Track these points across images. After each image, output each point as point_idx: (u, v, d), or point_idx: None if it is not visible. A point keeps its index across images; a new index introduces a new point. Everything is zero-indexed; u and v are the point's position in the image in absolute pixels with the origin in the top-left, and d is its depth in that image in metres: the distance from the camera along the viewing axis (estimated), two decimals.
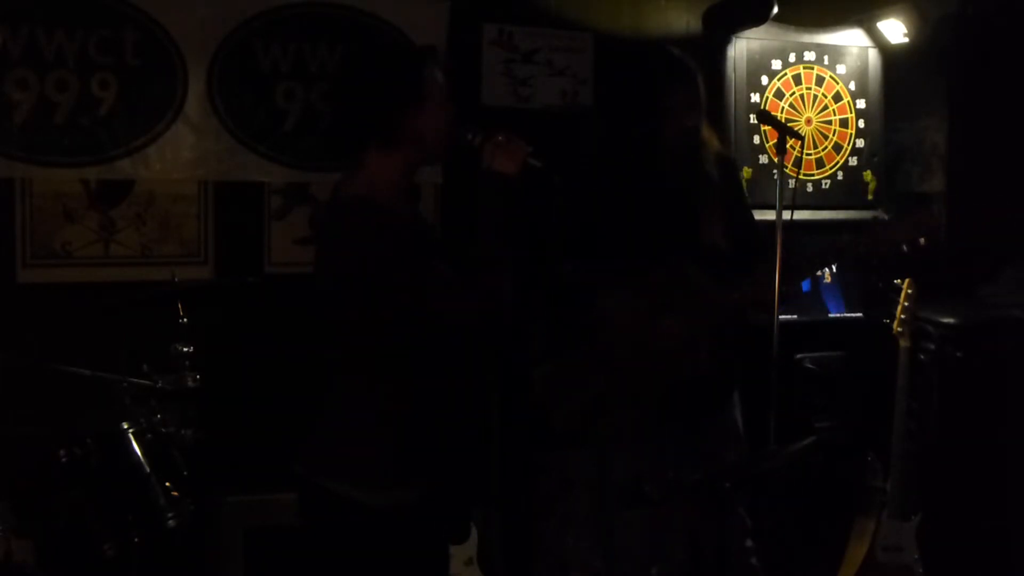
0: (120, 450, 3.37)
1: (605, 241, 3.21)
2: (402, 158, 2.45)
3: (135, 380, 3.46)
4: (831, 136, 4.88)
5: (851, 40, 4.92)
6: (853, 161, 4.92)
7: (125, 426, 3.40)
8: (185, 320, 3.54)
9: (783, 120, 4.47)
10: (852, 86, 4.92)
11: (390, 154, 2.43)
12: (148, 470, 3.37)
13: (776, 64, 4.78)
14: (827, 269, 4.54)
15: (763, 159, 4.74)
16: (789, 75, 4.81)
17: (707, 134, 3.27)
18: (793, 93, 4.82)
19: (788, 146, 3.11)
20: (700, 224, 3.12)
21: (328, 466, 2.43)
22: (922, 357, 4.04)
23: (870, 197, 4.93)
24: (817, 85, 4.85)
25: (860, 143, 4.94)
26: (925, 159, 4.80)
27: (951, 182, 4.70)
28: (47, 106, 3.84)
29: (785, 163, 3.11)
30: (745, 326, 3.29)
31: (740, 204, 3.37)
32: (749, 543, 3.36)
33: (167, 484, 3.39)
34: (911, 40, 4.76)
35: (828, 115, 4.88)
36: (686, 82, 3.18)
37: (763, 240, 3.28)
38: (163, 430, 3.47)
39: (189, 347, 3.52)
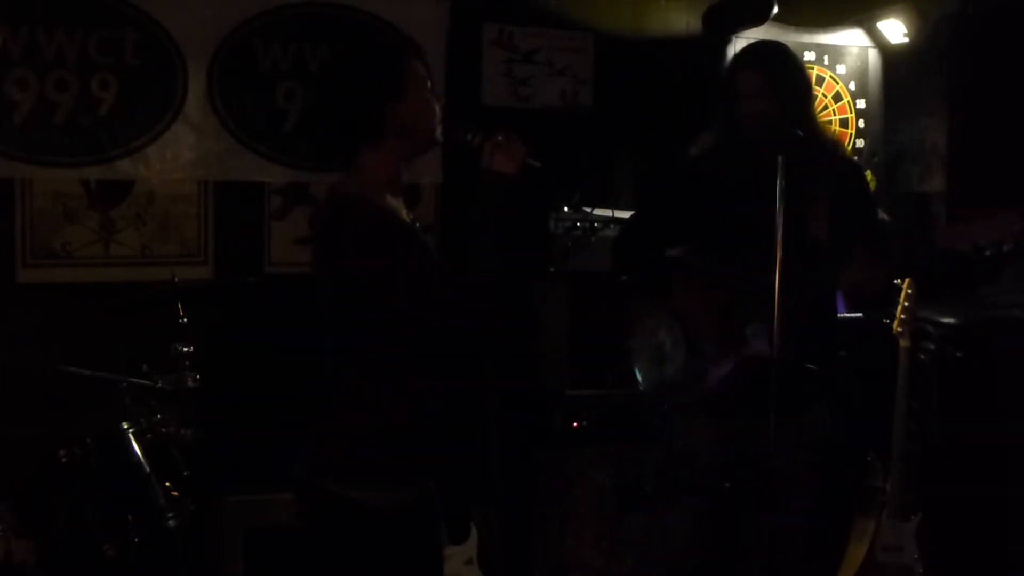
0: (120, 450, 3.37)
1: (705, 226, 3.24)
2: (390, 152, 2.45)
3: (135, 380, 3.46)
4: None
5: (851, 40, 4.92)
6: None
7: (125, 426, 3.40)
8: (185, 320, 3.54)
9: None
10: (852, 86, 4.92)
11: (378, 149, 2.43)
12: (148, 470, 3.37)
13: None
14: None
15: None
16: None
17: (827, 133, 3.26)
18: None
19: None
20: (803, 219, 3.09)
21: (328, 467, 2.42)
22: (922, 357, 4.03)
23: None
24: (817, 85, 4.85)
25: (860, 143, 4.94)
26: (925, 159, 4.80)
27: (951, 182, 4.70)
28: (47, 106, 3.84)
29: None
30: (834, 327, 3.32)
31: (859, 208, 3.28)
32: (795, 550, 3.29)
33: (167, 484, 3.39)
34: (911, 40, 4.76)
35: (828, 115, 4.88)
36: (752, 67, 3.18)
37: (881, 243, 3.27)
38: (163, 430, 3.47)
39: (189, 347, 3.52)
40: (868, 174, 4.92)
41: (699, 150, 3.75)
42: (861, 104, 4.93)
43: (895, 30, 4.79)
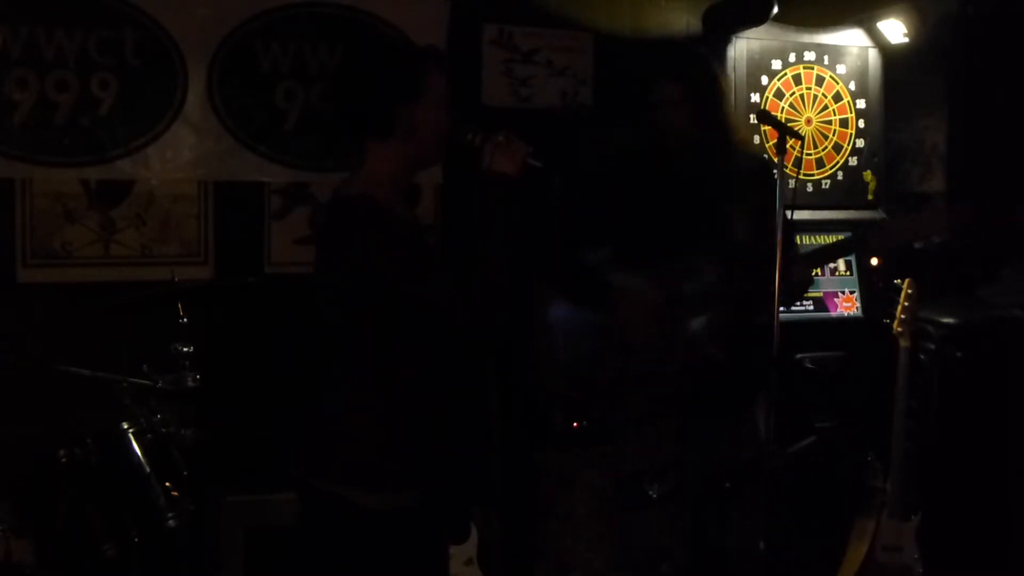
0: (120, 450, 3.37)
1: (626, 232, 3.24)
2: (398, 153, 2.45)
3: (135, 380, 3.46)
4: (831, 136, 4.88)
5: (851, 40, 4.92)
6: (853, 161, 4.92)
7: (125, 426, 3.40)
8: (185, 320, 3.54)
9: (783, 120, 4.46)
10: (852, 86, 4.92)
11: (387, 148, 2.43)
12: (148, 470, 3.37)
13: (776, 64, 4.78)
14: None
15: None
16: (789, 75, 4.81)
17: (739, 135, 3.28)
18: (793, 93, 4.82)
19: (788, 146, 3.10)
20: (727, 221, 3.11)
21: (328, 468, 2.41)
22: (922, 357, 4.04)
23: (870, 197, 4.93)
24: (817, 85, 4.85)
25: (860, 143, 4.93)
26: (925, 159, 4.80)
27: (951, 182, 4.70)
28: (47, 106, 3.84)
29: (785, 163, 3.10)
30: (759, 325, 3.32)
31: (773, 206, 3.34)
32: (762, 546, 3.33)
33: (167, 484, 3.39)
34: (911, 40, 4.76)
35: (828, 115, 4.88)
36: (667, 77, 3.20)
37: (793, 241, 3.31)
38: (163, 430, 3.47)
39: (189, 347, 3.52)
40: (868, 174, 4.94)
41: (614, 149, 3.74)
42: (861, 104, 4.93)
43: (895, 30, 4.79)
